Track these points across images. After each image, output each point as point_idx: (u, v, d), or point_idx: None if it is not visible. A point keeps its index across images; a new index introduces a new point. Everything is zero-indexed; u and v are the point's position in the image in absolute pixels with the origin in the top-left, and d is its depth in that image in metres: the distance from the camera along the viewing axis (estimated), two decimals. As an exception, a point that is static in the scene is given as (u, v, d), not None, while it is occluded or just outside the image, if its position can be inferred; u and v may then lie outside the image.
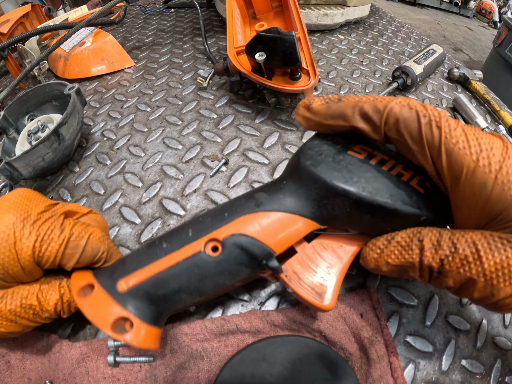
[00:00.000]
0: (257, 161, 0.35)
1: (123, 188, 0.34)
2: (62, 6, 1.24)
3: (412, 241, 0.17)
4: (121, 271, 0.20)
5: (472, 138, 0.16)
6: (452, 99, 0.45)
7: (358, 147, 0.21)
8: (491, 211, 0.15)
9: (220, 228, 0.19)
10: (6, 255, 0.19)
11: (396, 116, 0.17)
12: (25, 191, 0.22)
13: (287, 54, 0.31)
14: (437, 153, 0.16)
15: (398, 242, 0.18)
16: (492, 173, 0.15)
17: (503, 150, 0.16)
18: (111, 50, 0.52)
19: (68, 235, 0.21)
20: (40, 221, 0.20)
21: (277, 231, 0.19)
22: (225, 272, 0.19)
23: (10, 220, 0.19)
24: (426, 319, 0.25)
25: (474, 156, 0.15)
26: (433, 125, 0.16)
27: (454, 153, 0.16)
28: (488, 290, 0.15)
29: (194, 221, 0.21)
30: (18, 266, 0.19)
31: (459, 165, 0.16)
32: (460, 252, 0.15)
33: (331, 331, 0.23)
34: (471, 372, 0.23)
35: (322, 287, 0.20)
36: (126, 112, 0.43)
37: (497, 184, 0.15)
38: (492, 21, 3.02)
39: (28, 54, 0.51)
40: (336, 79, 0.47)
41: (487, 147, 0.16)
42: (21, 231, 0.19)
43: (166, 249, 0.19)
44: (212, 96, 0.44)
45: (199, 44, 0.56)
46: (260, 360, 0.21)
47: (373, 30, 0.64)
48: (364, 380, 0.21)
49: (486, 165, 0.15)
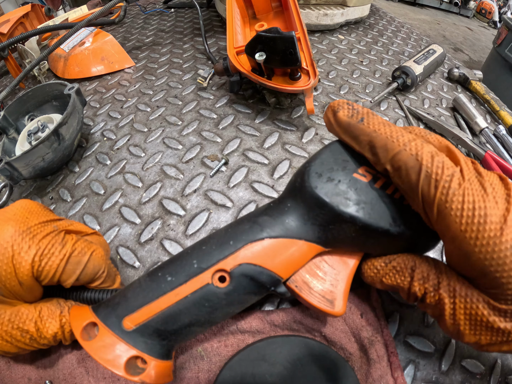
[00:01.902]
0: (257, 161, 0.35)
1: (123, 188, 0.34)
2: (62, 6, 1.24)
3: (406, 269, 0.19)
4: (125, 307, 0.19)
5: (469, 202, 0.15)
6: (452, 99, 0.45)
7: (363, 168, 0.20)
8: (472, 273, 0.16)
9: (226, 258, 0.19)
10: (3, 268, 0.18)
11: (400, 163, 0.17)
12: (27, 203, 0.22)
13: (287, 54, 0.31)
14: (429, 208, 0.16)
15: (394, 266, 0.19)
16: (477, 247, 0.14)
17: (500, 218, 0.14)
18: (111, 50, 0.52)
19: (70, 250, 0.20)
20: (40, 235, 0.19)
21: (284, 257, 0.19)
22: (234, 302, 0.19)
23: (8, 233, 0.19)
24: (426, 319, 0.25)
25: (463, 226, 0.15)
26: (432, 182, 0.16)
27: (445, 216, 0.15)
28: (455, 330, 0.17)
29: (197, 249, 0.20)
30: (15, 281, 0.19)
31: (447, 229, 0.16)
32: (441, 292, 0.17)
33: (331, 331, 0.23)
34: (471, 372, 0.23)
35: (332, 294, 0.20)
36: (126, 112, 0.43)
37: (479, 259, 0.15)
38: (492, 21, 3.02)
39: (28, 54, 0.51)
40: (336, 79, 0.47)
41: (482, 213, 0.14)
42: (20, 244, 0.19)
43: (171, 282, 0.19)
44: (212, 96, 0.44)
45: (199, 44, 0.56)
46: (260, 360, 0.21)
47: (373, 30, 0.64)
48: (364, 380, 0.21)
49: (473, 237, 0.14)
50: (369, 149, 0.19)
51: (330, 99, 0.43)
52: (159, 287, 0.19)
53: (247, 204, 0.31)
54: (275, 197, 0.32)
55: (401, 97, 0.46)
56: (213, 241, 0.20)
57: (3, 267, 0.18)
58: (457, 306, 0.16)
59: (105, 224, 0.31)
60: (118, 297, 0.19)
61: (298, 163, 0.35)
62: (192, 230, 0.30)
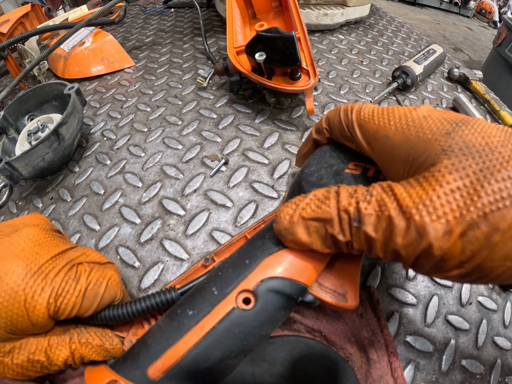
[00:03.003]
0: (257, 161, 0.35)
1: (123, 188, 0.34)
2: (62, 6, 1.24)
3: (330, 193, 0.16)
4: (147, 356, 0.17)
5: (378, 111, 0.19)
6: (452, 99, 0.45)
7: (352, 164, 0.22)
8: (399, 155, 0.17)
9: (247, 278, 0.18)
10: (15, 312, 0.17)
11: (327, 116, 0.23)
12: (35, 233, 0.20)
13: (287, 54, 0.31)
14: (352, 129, 0.20)
15: (315, 195, 0.17)
16: (392, 125, 0.18)
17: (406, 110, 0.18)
18: (111, 50, 0.52)
19: (85, 285, 0.19)
20: (53, 272, 0.18)
21: (303, 264, 0.18)
22: (265, 322, 0.18)
23: (18, 274, 0.17)
24: (426, 319, 0.25)
25: (376, 120, 0.19)
26: (348, 112, 0.21)
27: (362, 124, 0.20)
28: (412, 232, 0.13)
29: (213, 277, 0.19)
30: (28, 323, 0.18)
31: (367, 131, 0.19)
32: (374, 194, 0.15)
33: (331, 331, 0.23)
34: (471, 372, 0.23)
35: (343, 287, 0.19)
36: (126, 112, 0.43)
37: (397, 131, 0.17)
38: (492, 21, 3.02)
39: (28, 54, 0.51)
40: (336, 79, 0.47)
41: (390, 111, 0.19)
42: (33, 287, 0.17)
43: (194, 316, 0.17)
44: (212, 96, 0.44)
45: (199, 44, 0.56)
46: (260, 360, 0.21)
47: (373, 30, 0.64)
48: (364, 380, 0.21)
49: (385, 122, 0.18)
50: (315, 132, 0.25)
51: (330, 99, 0.43)
52: (182, 324, 0.17)
53: (247, 204, 0.31)
54: (275, 197, 0.32)
55: (401, 97, 0.46)
56: (227, 265, 0.19)
57: (14, 310, 0.17)
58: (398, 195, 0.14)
59: (105, 224, 0.31)
60: (136, 347, 0.18)
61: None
62: (192, 230, 0.30)
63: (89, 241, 0.30)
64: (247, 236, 0.25)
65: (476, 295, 0.27)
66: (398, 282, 0.27)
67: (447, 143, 0.14)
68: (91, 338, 0.21)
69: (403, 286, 0.26)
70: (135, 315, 0.21)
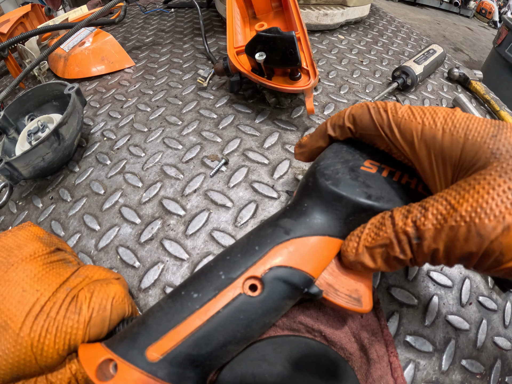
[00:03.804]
0: (257, 161, 0.35)
1: (123, 188, 0.34)
2: (62, 6, 1.24)
3: (384, 219, 0.17)
4: (147, 336, 0.16)
5: (417, 110, 0.19)
6: (452, 99, 0.45)
7: (367, 162, 0.22)
8: (450, 158, 0.17)
9: (255, 264, 0.18)
10: (22, 357, 0.17)
11: (352, 113, 0.21)
12: (32, 267, 0.19)
13: (287, 54, 0.31)
14: (389, 129, 0.19)
15: (372, 223, 0.18)
16: (438, 127, 0.17)
17: (447, 110, 0.18)
18: (111, 50, 0.52)
19: (89, 314, 0.18)
20: (54, 311, 0.18)
21: (312, 256, 0.19)
22: (270, 310, 0.18)
23: (22, 319, 0.17)
24: (426, 319, 0.25)
25: (419, 120, 0.18)
26: (380, 110, 0.20)
27: (402, 124, 0.19)
28: (474, 235, 0.14)
29: (221, 261, 0.19)
30: (36, 367, 0.17)
31: (409, 131, 0.18)
32: (430, 209, 0.15)
33: (331, 331, 0.23)
34: (471, 372, 0.23)
35: (357, 292, 0.20)
36: (126, 112, 0.43)
37: (445, 133, 0.17)
38: (492, 21, 3.02)
39: (28, 54, 0.51)
40: (336, 79, 0.47)
41: (431, 111, 0.18)
42: (36, 330, 0.17)
43: (198, 299, 0.17)
44: (212, 96, 0.44)
45: (199, 44, 0.56)
46: (260, 360, 0.21)
47: (373, 30, 0.64)
48: (364, 380, 0.21)
49: (431, 123, 0.18)
50: (331, 127, 0.23)
51: (330, 99, 0.43)
52: (186, 307, 0.17)
53: (247, 204, 0.31)
54: (275, 197, 0.32)
55: (401, 97, 0.46)
56: (236, 250, 0.19)
57: (22, 356, 0.17)
58: (455, 205, 0.15)
59: (105, 224, 0.31)
60: (135, 327, 0.17)
61: (298, 163, 0.34)
62: (192, 230, 0.30)
63: (89, 241, 0.30)
64: None
65: (476, 295, 0.27)
66: (398, 282, 0.27)
67: (495, 146, 0.15)
68: None
69: (403, 286, 0.26)
70: None
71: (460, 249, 0.14)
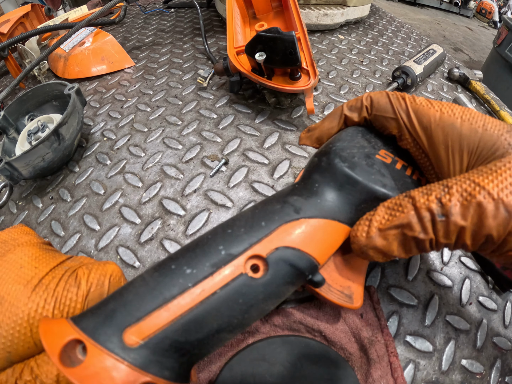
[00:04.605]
0: (257, 161, 0.35)
1: (123, 188, 0.34)
2: (62, 6, 1.24)
3: (400, 199, 0.16)
4: (126, 315, 0.14)
5: (434, 102, 0.20)
6: (452, 99, 0.45)
7: (382, 151, 0.21)
8: (468, 145, 0.17)
9: (261, 242, 0.16)
10: (17, 329, 0.16)
11: (370, 95, 0.22)
12: (31, 249, 0.20)
13: (287, 54, 0.31)
14: (405, 113, 0.20)
15: (384, 205, 0.17)
16: (457, 116, 0.18)
17: (462, 107, 0.19)
18: (111, 50, 0.52)
19: (87, 287, 0.18)
20: (53, 283, 0.18)
21: (320, 240, 0.17)
22: (272, 296, 0.16)
23: (21, 292, 0.17)
24: (426, 319, 0.25)
25: (437, 108, 0.19)
26: (399, 97, 0.21)
27: (420, 110, 0.19)
28: (502, 212, 0.14)
29: (221, 233, 0.17)
30: (31, 343, 0.17)
31: (426, 116, 0.19)
32: (455, 187, 0.15)
33: (331, 331, 0.23)
34: (471, 372, 0.23)
35: (350, 289, 0.20)
36: (126, 112, 0.43)
37: (464, 122, 0.18)
38: (492, 21, 3.02)
39: (28, 54, 0.51)
40: (336, 79, 0.47)
41: (447, 103, 0.19)
42: (35, 300, 0.17)
43: (192, 276, 0.15)
44: (212, 96, 0.44)
45: (199, 44, 0.56)
46: (260, 360, 0.21)
47: (373, 30, 0.64)
48: (364, 380, 0.21)
49: (449, 112, 0.18)
50: (348, 108, 0.23)
51: (330, 99, 0.43)
52: (176, 283, 0.14)
53: (247, 204, 0.31)
54: (275, 197, 0.32)
55: (401, 97, 0.46)
56: (239, 223, 0.17)
57: (16, 328, 0.16)
58: (482, 183, 0.14)
59: (105, 224, 0.31)
60: (112, 302, 0.14)
61: (298, 163, 0.34)
62: (192, 230, 0.30)
63: (89, 241, 0.30)
64: None
65: (476, 295, 0.27)
66: (398, 282, 0.27)
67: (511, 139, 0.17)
68: None
69: (403, 286, 0.26)
70: None
71: (488, 226, 0.14)
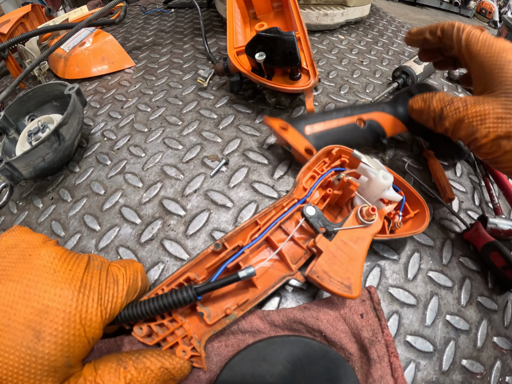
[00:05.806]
0: (257, 161, 0.35)
1: (123, 188, 0.34)
2: (62, 6, 1.24)
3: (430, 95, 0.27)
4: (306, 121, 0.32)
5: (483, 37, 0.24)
6: (452, 99, 0.45)
7: None
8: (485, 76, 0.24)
9: (364, 114, 0.33)
10: (71, 333, 0.17)
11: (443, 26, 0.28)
12: (54, 250, 0.19)
13: (287, 54, 0.31)
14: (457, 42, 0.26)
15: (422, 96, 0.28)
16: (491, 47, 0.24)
17: None
18: (111, 50, 0.52)
19: (127, 284, 0.20)
20: (94, 282, 0.18)
21: (390, 124, 0.33)
22: (363, 137, 0.33)
23: (66, 297, 0.17)
24: (426, 319, 0.25)
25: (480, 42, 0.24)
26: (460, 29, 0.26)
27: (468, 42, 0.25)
28: (470, 129, 0.23)
29: (350, 106, 0.34)
30: (85, 341, 0.17)
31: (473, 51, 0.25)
32: (455, 103, 0.25)
33: (332, 331, 0.23)
34: (471, 372, 0.23)
35: (349, 280, 0.22)
36: (126, 112, 0.43)
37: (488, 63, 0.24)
38: (492, 21, 3.01)
39: (28, 54, 0.51)
40: (336, 79, 0.47)
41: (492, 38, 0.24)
42: (83, 302, 0.17)
43: (335, 115, 0.33)
44: (212, 96, 0.44)
45: (199, 44, 0.56)
46: (260, 360, 0.21)
47: (373, 30, 0.64)
48: (364, 380, 0.21)
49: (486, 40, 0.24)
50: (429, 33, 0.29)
51: (330, 99, 0.43)
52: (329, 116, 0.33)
53: (247, 204, 0.31)
54: (276, 197, 0.32)
55: (401, 97, 0.46)
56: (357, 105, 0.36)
57: (71, 332, 0.17)
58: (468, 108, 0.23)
59: (105, 224, 0.31)
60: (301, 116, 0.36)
61: (298, 163, 0.34)
62: (192, 230, 0.30)
63: (89, 241, 0.30)
64: (257, 222, 0.25)
65: (476, 295, 0.27)
66: (398, 282, 0.27)
67: None
68: (149, 361, 0.19)
69: (403, 286, 0.26)
70: (158, 311, 0.20)
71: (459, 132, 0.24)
